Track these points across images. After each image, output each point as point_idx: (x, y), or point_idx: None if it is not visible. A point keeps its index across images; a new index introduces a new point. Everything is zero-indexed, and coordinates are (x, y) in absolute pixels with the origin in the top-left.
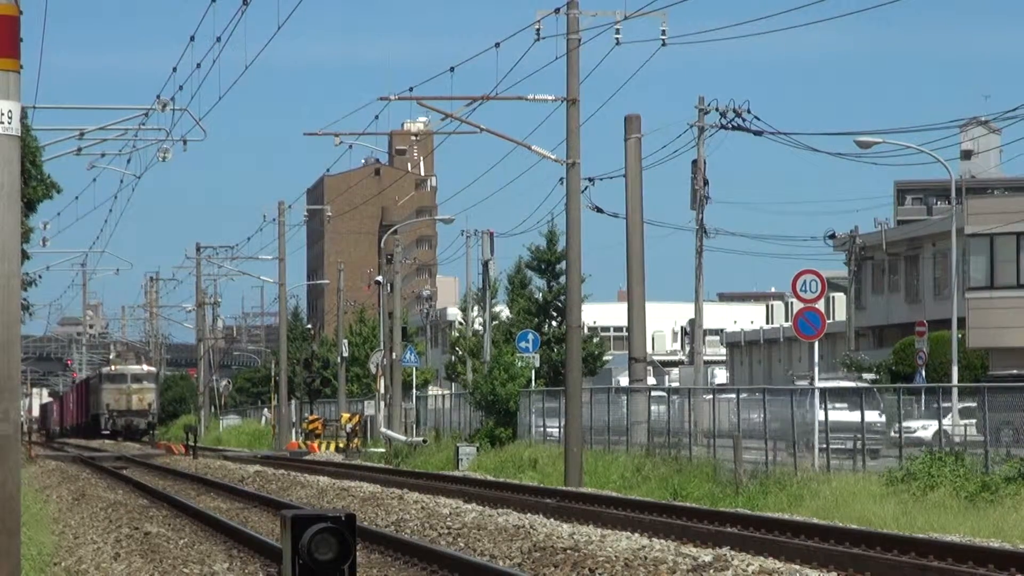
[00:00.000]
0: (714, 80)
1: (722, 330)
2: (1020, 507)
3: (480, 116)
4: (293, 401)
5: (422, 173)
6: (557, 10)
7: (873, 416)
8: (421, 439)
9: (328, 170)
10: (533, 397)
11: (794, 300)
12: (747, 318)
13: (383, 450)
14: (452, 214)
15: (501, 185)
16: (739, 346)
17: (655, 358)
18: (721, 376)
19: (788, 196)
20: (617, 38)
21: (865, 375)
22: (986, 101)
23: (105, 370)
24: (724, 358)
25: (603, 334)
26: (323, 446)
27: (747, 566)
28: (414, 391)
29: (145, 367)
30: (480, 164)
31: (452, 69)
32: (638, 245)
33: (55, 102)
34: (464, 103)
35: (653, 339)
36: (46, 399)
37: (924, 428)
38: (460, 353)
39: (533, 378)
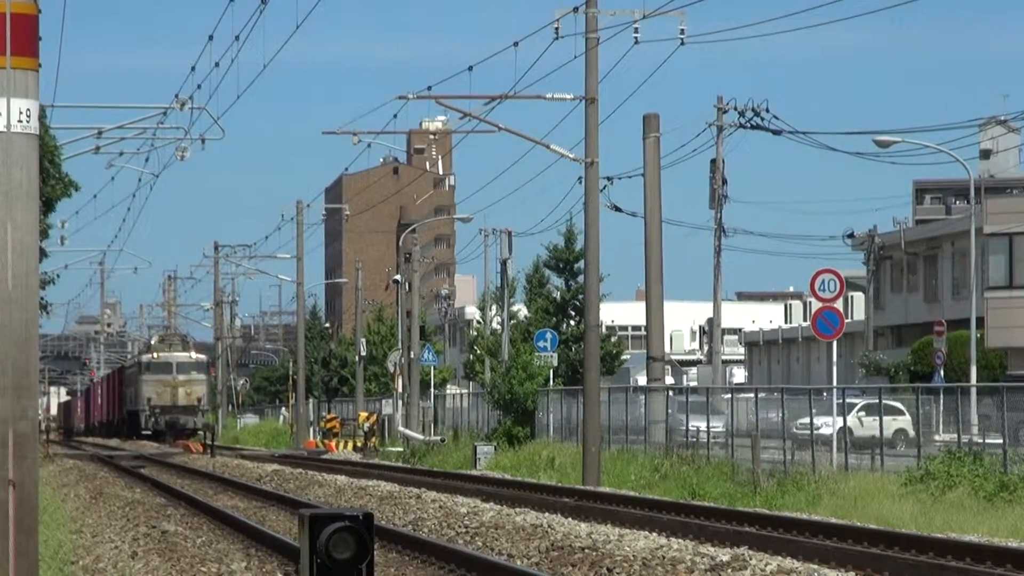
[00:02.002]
0: (733, 79)
1: (740, 329)
2: None
3: (498, 115)
4: (311, 400)
5: (440, 172)
6: (575, 9)
7: None
8: (439, 438)
9: (346, 169)
10: (551, 396)
11: (812, 299)
12: (765, 317)
13: (401, 449)
14: (470, 213)
15: (519, 184)
16: (757, 345)
17: (673, 357)
18: (739, 375)
19: (807, 195)
20: (636, 37)
21: None
22: (1005, 101)
23: (145, 358)
24: (742, 357)
25: (621, 333)
26: (341, 445)
27: (765, 566)
28: (432, 390)
29: (193, 355)
30: (498, 163)
31: (470, 68)
32: (656, 244)
33: (74, 101)
34: (482, 102)
35: (671, 338)
36: (64, 397)
37: (827, 425)
38: (478, 352)
39: (551, 377)
